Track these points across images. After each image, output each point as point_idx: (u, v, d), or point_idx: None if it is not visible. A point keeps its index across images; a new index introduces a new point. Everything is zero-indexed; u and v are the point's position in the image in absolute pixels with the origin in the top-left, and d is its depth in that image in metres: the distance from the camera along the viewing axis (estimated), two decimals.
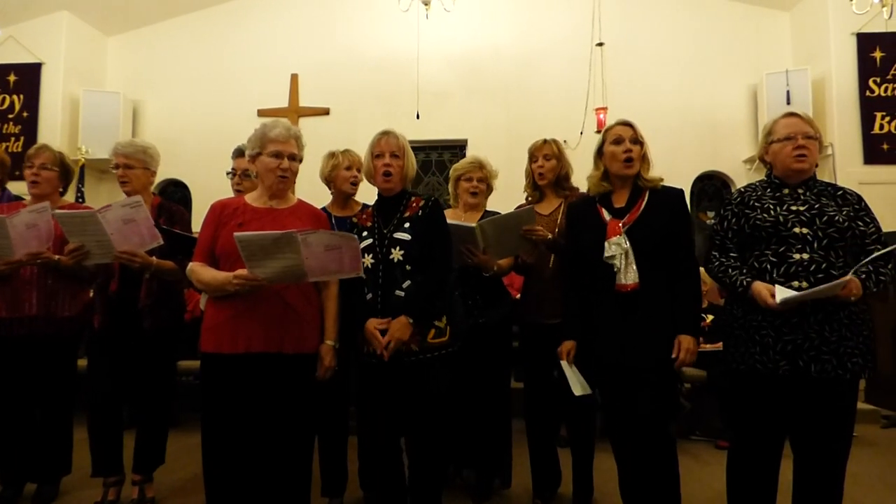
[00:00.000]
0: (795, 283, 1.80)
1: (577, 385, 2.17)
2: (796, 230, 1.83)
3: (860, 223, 1.84)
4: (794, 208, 1.87)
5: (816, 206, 1.86)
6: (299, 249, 1.78)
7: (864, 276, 1.76)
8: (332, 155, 2.64)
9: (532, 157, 2.61)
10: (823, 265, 1.79)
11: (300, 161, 2.08)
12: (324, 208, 2.60)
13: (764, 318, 1.84)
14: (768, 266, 1.85)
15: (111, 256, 2.27)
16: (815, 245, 1.81)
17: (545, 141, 2.59)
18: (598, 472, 2.53)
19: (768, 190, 1.96)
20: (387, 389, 2.04)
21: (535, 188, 2.63)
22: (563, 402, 2.39)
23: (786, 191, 1.93)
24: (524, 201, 2.69)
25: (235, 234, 1.80)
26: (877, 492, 2.76)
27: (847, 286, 1.71)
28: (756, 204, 1.94)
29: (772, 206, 1.90)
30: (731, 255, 1.97)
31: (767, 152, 1.99)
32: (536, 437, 2.56)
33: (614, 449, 2.14)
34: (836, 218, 1.82)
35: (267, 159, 1.99)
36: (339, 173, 2.60)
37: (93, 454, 2.48)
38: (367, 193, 2.46)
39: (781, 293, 1.75)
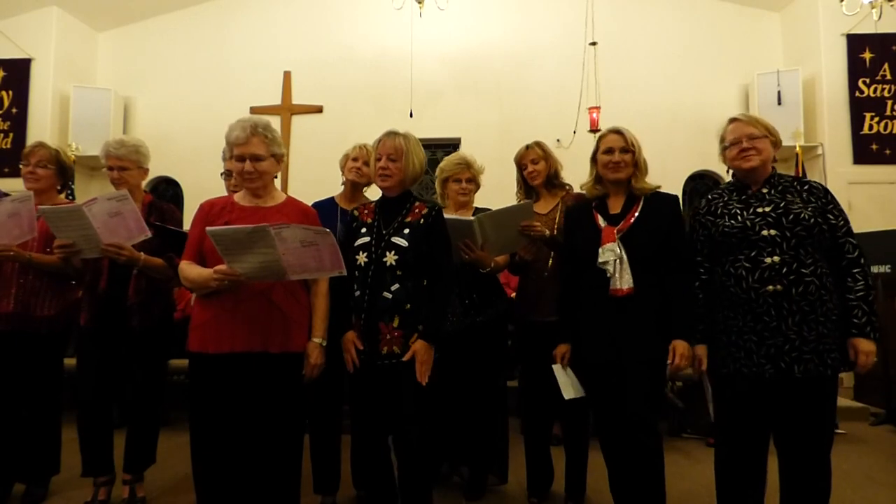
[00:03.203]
0: (770, 288, 1.82)
1: (570, 388, 2.19)
2: (764, 233, 1.85)
3: (830, 216, 1.87)
4: (759, 210, 1.90)
5: (782, 204, 1.88)
6: (274, 244, 1.76)
7: (867, 329, 1.79)
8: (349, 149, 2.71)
9: (520, 165, 2.63)
10: (794, 265, 1.82)
11: (273, 156, 2.00)
12: (332, 199, 2.64)
13: (745, 324, 1.87)
14: (743, 272, 1.87)
15: (98, 251, 2.25)
16: (785, 246, 1.83)
17: (528, 147, 2.61)
18: (591, 470, 2.53)
19: (734, 194, 2.00)
20: (373, 389, 2.05)
21: (529, 191, 2.64)
22: (557, 401, 2.39)
23: (750, 191, 1.96)
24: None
25: (207, 228, 1.79)
26: (865, 488, 2.78)
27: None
28: (723, 211, 1.97)
29: (738, 211, 1.93)
30: (701, 275, 2.01)
31: (725, 159, 2.05)
32: (532, 434, 2.57)
33: (603, 447, 2.15)
34: (802, 215, 1.84)
35: (234, 164, 2.00)
36: (346, 163, 2.67)
37: (82, 454, 2.46)
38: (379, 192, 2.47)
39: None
